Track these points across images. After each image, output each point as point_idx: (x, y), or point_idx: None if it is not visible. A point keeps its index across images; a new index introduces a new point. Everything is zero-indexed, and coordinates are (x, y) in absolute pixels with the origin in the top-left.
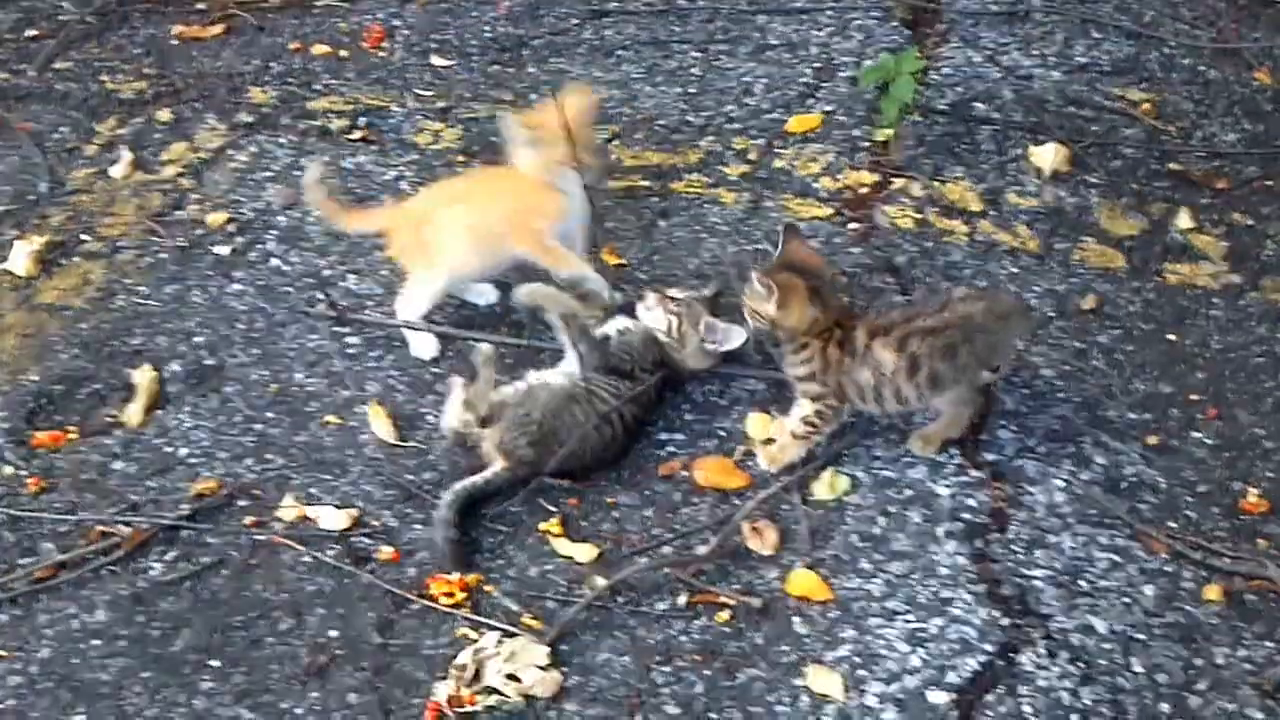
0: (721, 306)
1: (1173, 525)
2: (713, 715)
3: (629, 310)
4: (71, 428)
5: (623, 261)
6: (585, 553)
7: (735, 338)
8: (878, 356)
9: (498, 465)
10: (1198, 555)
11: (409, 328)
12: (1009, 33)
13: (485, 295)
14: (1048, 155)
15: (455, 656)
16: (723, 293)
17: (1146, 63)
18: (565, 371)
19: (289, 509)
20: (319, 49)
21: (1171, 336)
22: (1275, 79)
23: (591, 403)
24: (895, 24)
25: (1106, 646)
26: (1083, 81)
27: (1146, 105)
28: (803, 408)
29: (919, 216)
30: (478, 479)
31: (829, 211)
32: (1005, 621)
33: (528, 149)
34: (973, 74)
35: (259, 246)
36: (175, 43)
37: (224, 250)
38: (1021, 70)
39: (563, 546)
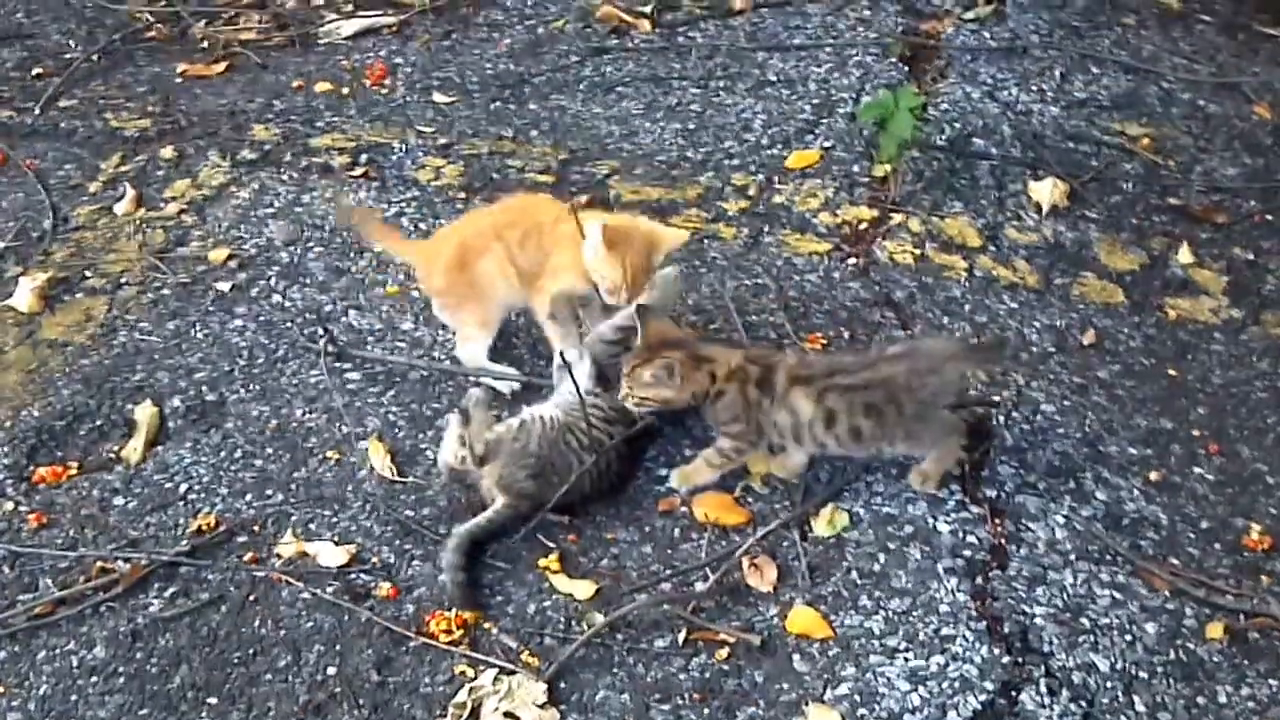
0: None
1: (1175, 562)
2: None
3: None
4: (73, 463)
5: None
6: (584, 589)
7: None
8: (795, 404)
9: (499, 502)
10: (1200, 592)
11: (483, 374)
12: (1007, 68)
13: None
14: (1046, 190)
15: (454, 694)
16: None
17: (1145, 97)
18: (559, 403)
19: (288, 545)
20: (322, 86)
21: (1172, 371)
22: (1275, 113)
23: (588, 433)
24: (894, 60)
25: (1108, 685)
26: (1081, 116)
27: (1146, 140)
28: (722, 441)
29: (918, 252)
30: (481, 519)
31: (828, 247)
32: (1006, 659)
33: (598, 256)
34: (971, 109)
35: (261, 282)
36: (180, 81)
37: (226, 286)
38: (1020, 106)
39: (562, 583)
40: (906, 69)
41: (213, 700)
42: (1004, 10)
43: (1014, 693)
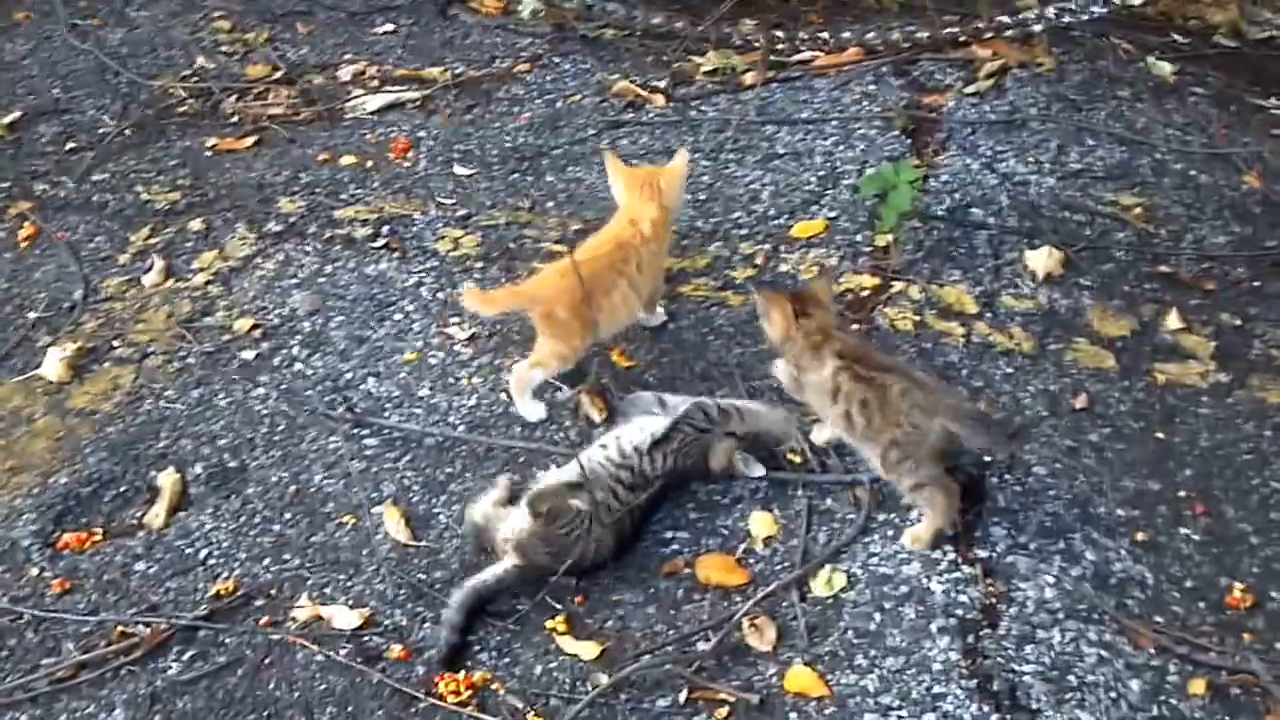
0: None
1: (1159, 620)
2: None
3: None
4: (97, 529)
5: (632, 363)
6: (590, 650)
7: (756, 471)
8: (824, 363)
9: (509, 562)
10: (1183, 650)
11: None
12: (1005, 141)
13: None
14: (1042, 259)
15: None
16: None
17: (1139, 168)
18: (576, 470)
19: (303, 609)
20: (347, 160)
21: (1160, 434)
22: (1264, 183)
23: (604, 503)
24: (896, 133)
25: None
26: (1077, 187)
27: (1138, 210)
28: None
29: (917, 319)
30: (488, 577)
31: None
32: (995, 717)
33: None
34: (970, 180)
35: (283, 351)
36: (210, 155)
37: (249, 355)
38: (1017, 177)
39: (568, 644)
40: (909, 141)
41: None
42: (1003, 84)
43: None
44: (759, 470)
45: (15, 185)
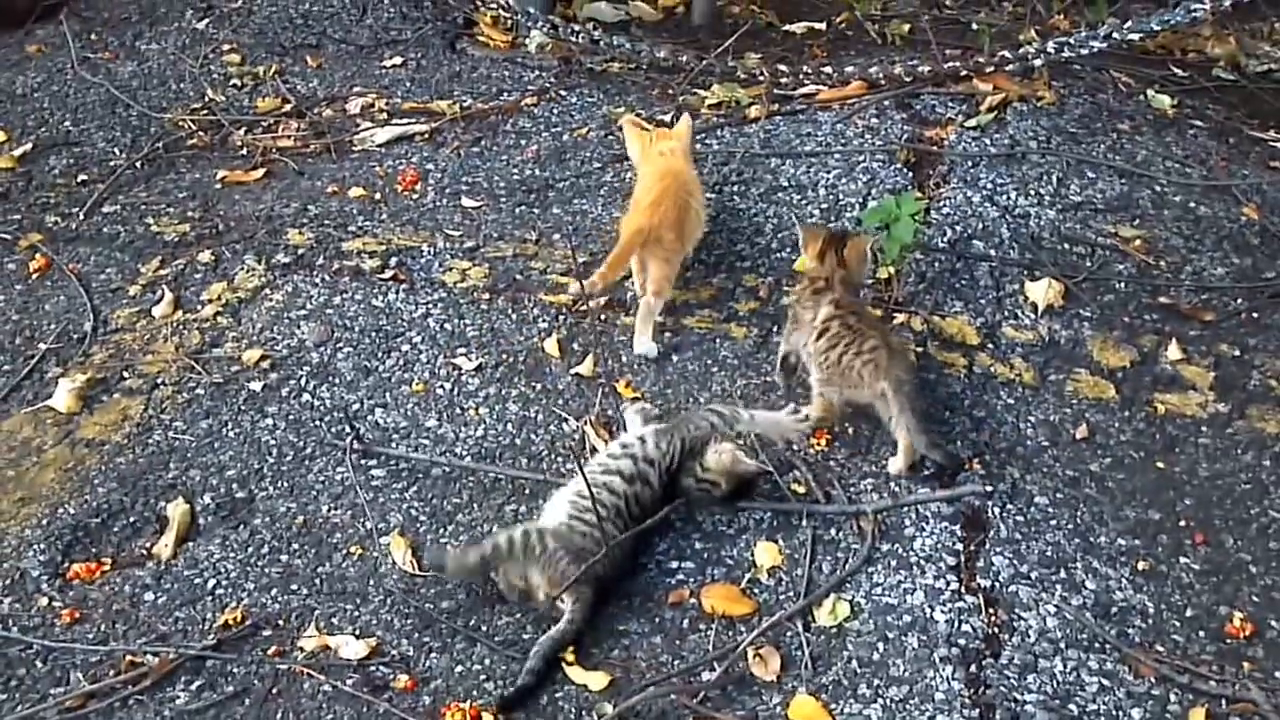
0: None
1: (1160, 649)
2: None
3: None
4: (106, 560)
5: (637, 394)
6: (597, 680)
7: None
8: (820, 309)
9: (569, 606)
10: (1184, 678)
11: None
12: (1007, 174)
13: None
14: (1043, 290)
15: None
16: None
17: (1139, 200)
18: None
19: (311, 638)
20: (355, 192)
21: (1161, 464)
22: (1263, 214)
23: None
24: (899, 166)
25: None
26: (1077, 219)
27: (1138, 241)
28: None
29: (920, 350)
30: (563, 628)
31: None
32: None
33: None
34: (972, 213)
35: (291, 382)
36: (219, 187)
37: (258, 386)
38: (1018, 209)
39: (576, 674)
40: (911, 174)
41: None
42: (1005, 118)
43: None
44: (754, 464)
45: (26, 217)
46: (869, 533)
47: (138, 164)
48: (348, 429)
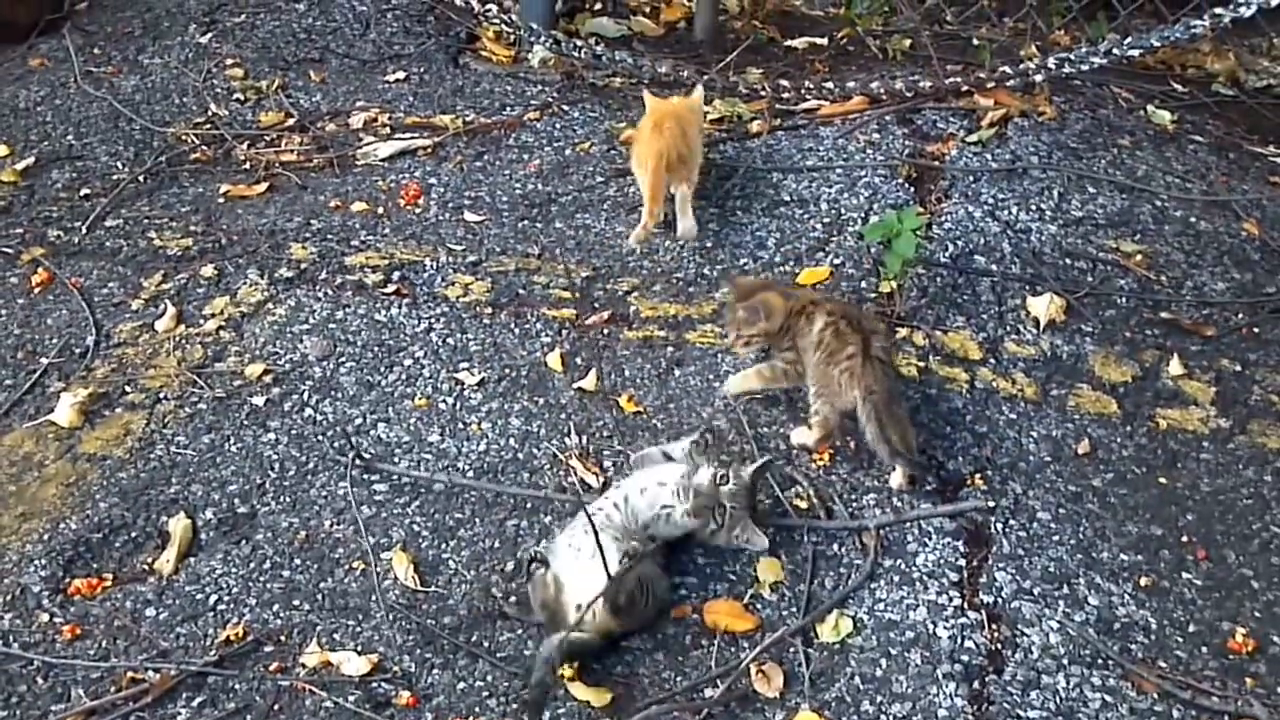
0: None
1: (1163, 665)
2: None
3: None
4: (108, 575)
5: (640, 409)
6: (599, 697)
7: (759, 544)
8: (815, 321)
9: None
10: (1187, 695)
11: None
12: (1008, 189)
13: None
14: (1044, 306)
15: None
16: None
17: (1139, 215)
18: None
19: (312, 655)
20: (358, 206)
21: (1162, 480)
22: (1263, 230)
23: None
24: (900, 181)
25: None
26: (1078, 234)
27: (1139, 256)
28: (776, 360)
29: (922, 365)
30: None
31: None
32: None
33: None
34: (973, 228)
35: (294, 397)
36: (222, 201)
37: (260, 401)
38: (1019, 224)
39: (579, 691)
40: (912, 189)
41: None
42: (1006, 133)
43: None
44: (763, 542)
45: (28, 231)
46: (872, 548)
47: (140, 178)
48: (350, 444)
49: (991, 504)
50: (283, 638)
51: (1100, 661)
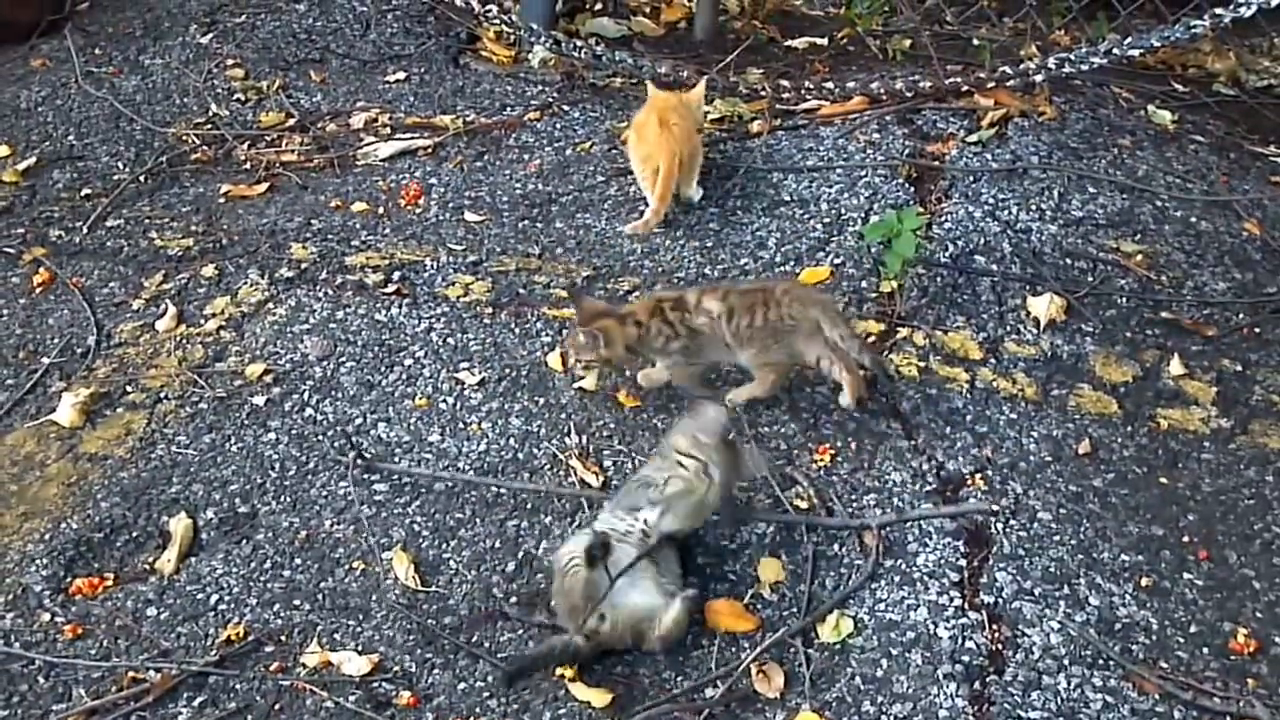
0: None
1: (1164, 666)
2: None
3: None
4: (109, 575)
5: (638, 404)
6: (600, 697)
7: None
8: (707, 306)
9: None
10: (1188, 695)
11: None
12: (1008, 189)
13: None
14: (1044, 305)
15: None
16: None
17: (1140, 215)
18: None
19: (313, 654)
20: (358, 206)
21: (1163, 480)
22: (1264, 229)
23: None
24: (901, 181)
25: None
26: (1079, 234)
27: (1139, 256)
28: (666, 360)
29: (922, 364)
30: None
31: None
32: None
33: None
34: (973, 228)
35: (294, 396)
36: (223, 201)
37: (261, 400)
38: (1020, 224)
39: (580, 691)
40: (912, 189)
41: None
42: (1006, 133)
43: None
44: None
45: (30, 231)
46: (873, 548)
47: (141, 178)
48: (350, 444)
49: (994, 507)
50: (283, 637)
51: (1101, 662)
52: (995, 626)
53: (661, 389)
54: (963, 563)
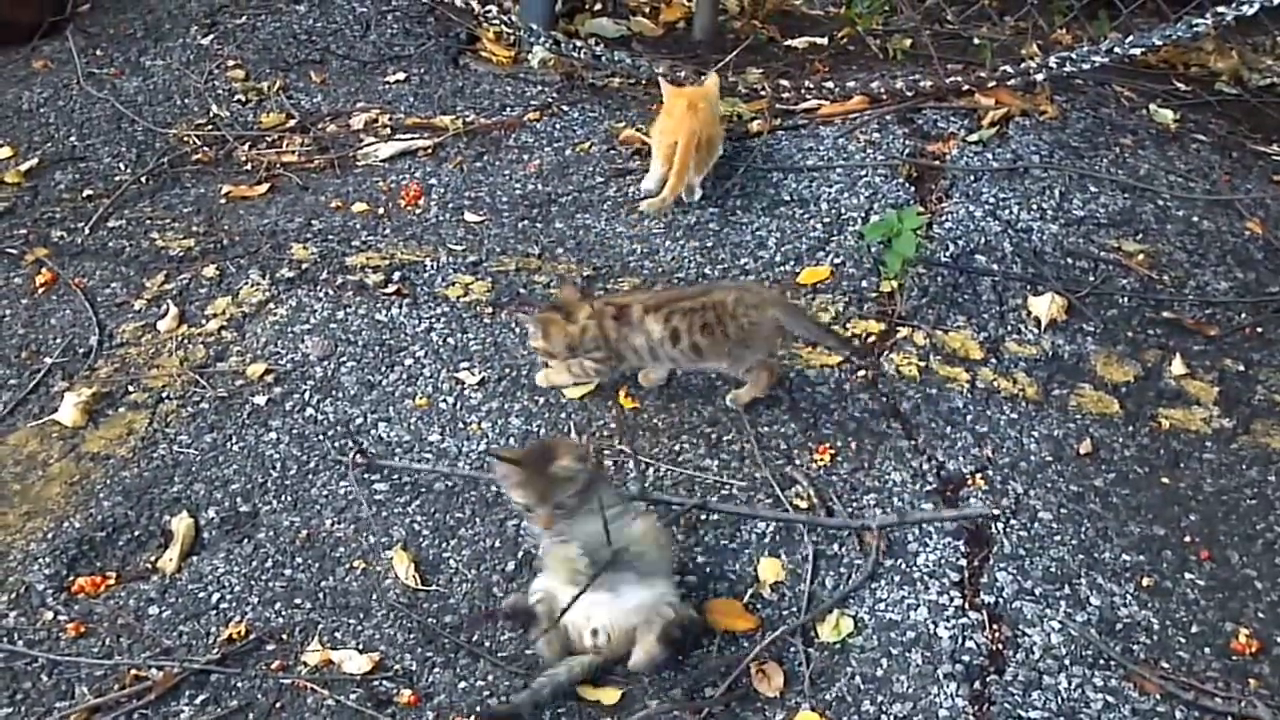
0: None
1: (1165, 666)
2: None
3: None
4: (111, 573)
5: (637, 405)
6: (608, 696)
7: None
8: (648, 328)
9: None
10: (1189, 695)
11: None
12: (1009, 188)
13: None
14: (1045, 305)
15: None
16: None
17: (1141, 215)
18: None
19: (314, 653)
20: (359, 207)
21: (1165, 480)
22: (1267, 229)
23: None
24: (901, 181)
25: None
26: (1080, 234)
27: (1141, 256)
28: (586, 361)
29: (923, 364)
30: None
31: (838, 359)
32: None
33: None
34: (974, 227)
35: (295, 396)
36: (224, 201)
37: (262, 400)
38: (1021, 224)
39: (586, 690)
40: (913, 189)
41: None
42: (1007, 132)
43: None
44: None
45: (32, 232)
46: (873, 548)
47: (143, 179)
48: (351, 443)
49: (995, 512)
50: (284, 636)
51: (1102, 662)
52: (996, 626)
53: (661, 389)
54: (963, 562)
